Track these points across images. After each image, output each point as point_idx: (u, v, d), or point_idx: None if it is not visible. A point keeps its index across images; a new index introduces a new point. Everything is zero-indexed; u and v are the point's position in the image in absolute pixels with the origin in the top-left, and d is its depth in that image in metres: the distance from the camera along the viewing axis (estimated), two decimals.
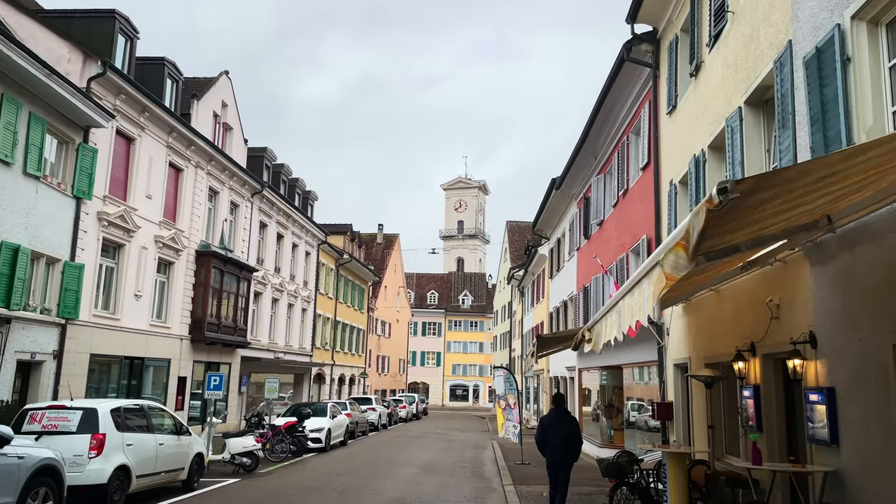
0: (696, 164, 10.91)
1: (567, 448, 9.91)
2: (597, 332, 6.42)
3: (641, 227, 15.04)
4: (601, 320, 6.28)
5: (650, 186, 14.35)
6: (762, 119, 8.88)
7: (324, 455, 20.58)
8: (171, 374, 22.93)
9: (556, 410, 10.45)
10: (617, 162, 17.83)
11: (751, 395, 8.28)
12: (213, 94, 26.81)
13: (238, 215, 28.53)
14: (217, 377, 15.40)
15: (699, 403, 10.71)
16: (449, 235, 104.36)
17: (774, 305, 7.57)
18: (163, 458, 11.55)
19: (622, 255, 16.64)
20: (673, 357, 12.30)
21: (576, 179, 23.28)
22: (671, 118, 12.97)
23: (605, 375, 19.94)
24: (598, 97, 17.54)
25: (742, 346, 8.43)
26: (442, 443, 27.17)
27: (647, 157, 14.66)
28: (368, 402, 34.60)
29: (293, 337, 35.59)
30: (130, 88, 19.82)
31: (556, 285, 29.79)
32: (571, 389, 25.03)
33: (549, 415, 10.50)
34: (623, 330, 5.49)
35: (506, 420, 19.75)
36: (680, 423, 12.12)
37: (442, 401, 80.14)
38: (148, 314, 21.59)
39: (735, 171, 9.06)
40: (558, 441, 9.91)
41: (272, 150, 32.82)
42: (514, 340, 54.07)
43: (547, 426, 10.19)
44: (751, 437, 7.16)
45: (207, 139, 24.85)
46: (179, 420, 12.78)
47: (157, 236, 21.91)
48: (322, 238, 39.85)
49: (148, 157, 21.38)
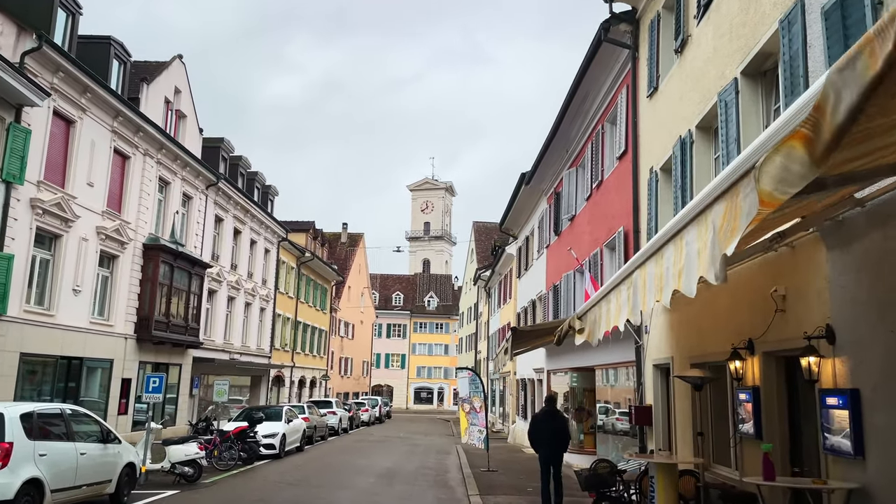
0: (681, 147, 10.02)
1: (558, 442, 10.98)
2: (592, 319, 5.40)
3: (617, 220, 14.15)
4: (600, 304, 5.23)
5: (627, 176, 13.47)
6: (760, 91, 8.00)
7: (277, 462, 19.28)
8: (113, 375, 21.36)
9: (548, 409, 11.56)
10: (590, 153, 16.96)
11: (749, 398, 7.36)
12: (165, 79, 25.29)
13: (191, 208, 27.01)
14: (157, 378, 14.07)
15: (683, 407, 9.80)
16: (415, 237, 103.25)
17: (779, 296, 6.66)
18: (85, 470, 10.22)
19: (596, 250, 15.76)
20: (652, 357, 11.40)
21: (546, 174, 22.40)
22: (652, 101, 12.10)
23: (575, 377, 19.04)
24: (571, 85, 16.66)
25: (738, 344, 7.51)
26: (404, 447, 26.03)
27: (624, 145, 13.78)
28: (328, 406, 33.26)
29: (250, 337, 34.07)
30: (70, 66, 18.30)
31: (525, 285, 28.89)
32: (539, 392, 24.10)
33: (542, 412, 11.58)
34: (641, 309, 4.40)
35: (470, 424, 18.70)
36: (660, 428, 11.21)
37: (406, 404, 78.86)
38: (88, 311, 20.03)
39: (730, 149, 8.16)
40: (550, 436, 10.94)
41: (229, 142, 31.33)
42: (479, 342, 53.14)
43: (539, 422, 11.25)
44: (763, 448, 6.23)
45: (157, 125, 23.35)
46: (107, 426, 11.44)
47: (100, 227, 20.37)
48: (283, 235, 38.37)
49: (90, 141, 19.85)
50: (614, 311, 4.85)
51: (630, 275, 4.58)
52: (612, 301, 4.91)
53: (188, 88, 27.12)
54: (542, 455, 11.11)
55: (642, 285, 4.23)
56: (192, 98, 27.51)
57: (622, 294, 4.77)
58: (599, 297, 5.29)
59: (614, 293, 5.05)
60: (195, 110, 27.73)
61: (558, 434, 11.02)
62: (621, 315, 4.80)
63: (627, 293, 4.59)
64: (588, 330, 5.60)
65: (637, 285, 4.34)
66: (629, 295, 4.53)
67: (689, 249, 3.54)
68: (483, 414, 17.96)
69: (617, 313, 4.91)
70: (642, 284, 4.23)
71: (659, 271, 3.92)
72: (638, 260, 4.50)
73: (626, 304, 4.66)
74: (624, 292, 4.72)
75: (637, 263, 4.47)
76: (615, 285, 4.95)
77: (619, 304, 4.79)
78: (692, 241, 3.50)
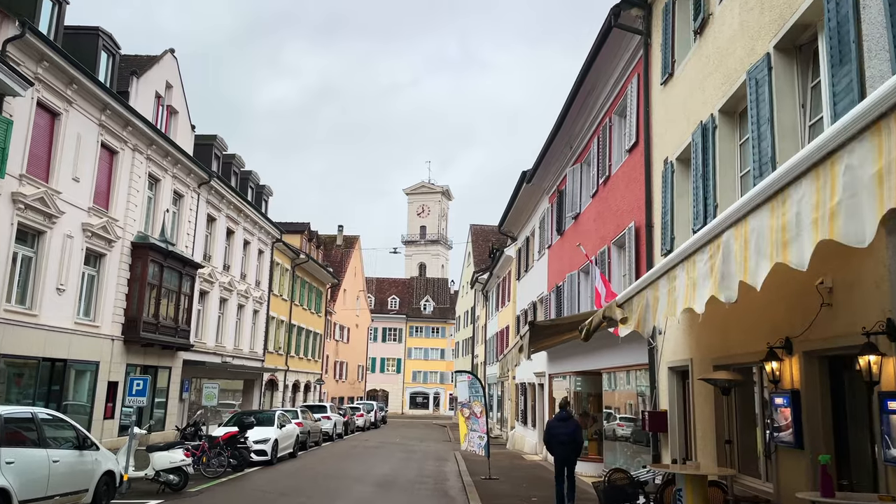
0: (702, 133, 9.34)
1: (572, 445, 11.42)
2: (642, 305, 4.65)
3: (627, 215, 13.47)
4: (656, 284, 4.42)
5: (639, 169, 12.80)
6: (796, 66, 7.33)
7: (269, 469, 18.50)
8: (99, 378, 20.57)
9: (562, 413, 11.96)
10: (597, 148, 16.29)
11: (786, 402, 6.66)
12: (156, 73, 24.55)
13: (182, 206, 26.25)
14: (140, 381, 13.29)
15: (705, 413, 9.09)
16: (411, 240, 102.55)
17: (825, 289, 5.97)
18: (58, 479, 9.45)
19: (603, 247, 15.07)
20: (668, 359, 10.70)
21: (548, 172, 21.73)
22: (666, 89, 11.44)
23: (579, 381, 18.33)
24: (577, 77, 16.00)
25: (774, 343, 6.82)
26: (401, 454, 25.26)
27: (634, 136, 13.11)
28: (323, 410, 32.44)
29: (243, 340, 33.26)
30: (55, 56, 17.57)
31: (524, 287, 28.20)
32: (541, 397, 23.39)
33: (556, 417, 12.03)
34: (742, 278, 3.48)
35: (470, 430, 17.95)
36: (676, 435, 10.50)
37: (402, 409, 77.98)
38: (73, 311, 19.25)
39: (761, 130, 7.48)
40: (565, 439, 11.39)
41: (222, 139, 30.59)
42: (476, 346, 52.37)
43: (554, 427, 11.72)
44: (821, 460, 5.53)
45: (147, 120, 22.61)
46: (84, 432, 10.66)
47: (86, 224, 19.61)
48: (277, 236, 37.60)
49: (76, 134, 19.10)
50: (683, 289, 3.99)
51: (717, 237, 3.74)
52: (680, 277, 4.08)
53: (180, 84, 26.38)
54: (557, 458, 11.63)
55: (742, 246, 3.43)
56: (185, 94, 26.79)
57: (699, 266, 3.92)
58: (655, 276, 4.51)
59: (683, 268, 4.19)
60: (187, 106, 27.00)
61: (573, 438, 11.53)
62: (699, 293, 3.91)
63: (710, 264, 3.77)
64: (637, 318, 4.83)
65: (731, 248, 3.56)
66: (714, 265, 3.71)
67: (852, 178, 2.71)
68: (483, 419, 17.23)
69: (689, 292, 4.00)
70: (742, 245, 3.43)
71: (779, 223, 3.11)
72: (732, 217, 3.67)
73: (706, 279, 3.82)
74: (702, 264, 3.88)
75: (732, 220, 3.64)
76: (686, 256, 4.10)
77: (691, 281, 3.94)
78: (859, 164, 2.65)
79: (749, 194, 3.46)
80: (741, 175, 8.72)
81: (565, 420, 11.82)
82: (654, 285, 4.44)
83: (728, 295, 3.64)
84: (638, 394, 13.71)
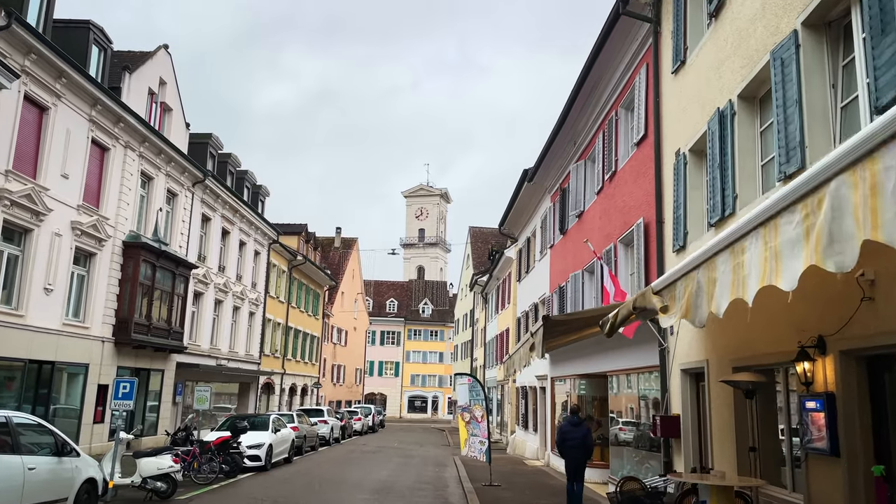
0: (720, 121, 8.81)
1: (582, 449, 11.82)
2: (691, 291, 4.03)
3: (635, 211, 12.94)
4: (713, 262, 3.74)
5: (648, 162, 12.28)
6: (825, 43, 6.80)
7: (263, 475, 17.91)
8: (89, 381, 20.00)
9: (574, 418, 12.32)
10: (602, 143, 15.77)
11: (819, 406, 6.12)
12: (150, 69, 24.02)
13: (176, 206, 25.69)
14: (127, 384, 12.71)
15: (723, 418, 8.54)
16: (409, 243, 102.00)
17: (867, 282, 5.43)
18: (34, 487, 8.87)
19: (609, 245, 14.53)
20: (681, 361, 10.15)
21: (550, 170, 21.20)
22: (678, 78, 10.92)
23: (583, 385, 17.78)
24: (581, 71, 15.50)
25: (806, 342, 6.28)
26: (399, 459, 24.66)
27: (643, 129, 12.58)
28: (319, 414, 31.77)
29: (239, 342, 32.68)
30: (43, 48, 17.03)
31: (525, 289, 27.65)
32: (543, 400, 22.83)
33: (568, 422, 12.38)
34: (866, 236, 2.71)
35: (470, 435, 17.36)
36: (690, 441, 9.95)
37: (400, 412, 77.31)
38: (61, 311, 18.68)
39: (788, 114, 6.95)
40: (576, 443, 11.80)
41: (218, 138, 30.04)
42: (476, 350, 51.78)
43: (566, 431, 12.09)
44: (874, 471, 5.01)
45: (140, 117, 22.07)
46: (63, 437, 10.08)
47: (75, 222, 19.05)
48: (273, 237, 37.04)
49: (65, 130, 18.55)
50: (758, 263, 3.25)
51: (817, 189, 3.00)
52: (753, 249, 3.34)
53: (174, 81, 25.84)
54: (569, 460, 12.05)
55: (868, 193, 2.63)
56: (179, 91, 26.24)
57: (785, 231, 3.15)
58: (708, 254, 3.86)
59: (756, 237, 3.38)
60: (181, 104, 26.45)
61: (584, 442, 11.87)
62: (785, 265, 3.08)
63: (804, 225, 3.01)
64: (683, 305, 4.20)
65: (844, 199, 2.78)
66: (812, 226, 2.94)
67: None
68: (485, 424, 16.65)
69: (768, 265, 3.17)
70: (868, 192, 2.63)
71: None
72: (844, 160, 2.97)
73: (796, 246, 3.03)
74: (790, 227, 3.11)
75: (845, 163, 2.94)
76: (761, 223, 3.38)
77: (772, 251, 3.16)
78: None
79: (874, 124, 2.80)
80: (762, 164, 8.19)
81: (577, 425, 12.15)
82: (708, 265, 3.82)
83: (840, 262, 2.87)
84: (640, 397, 13.18)
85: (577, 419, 12.30)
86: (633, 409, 13.63)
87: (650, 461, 12.56)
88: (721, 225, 8.69)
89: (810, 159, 6.59)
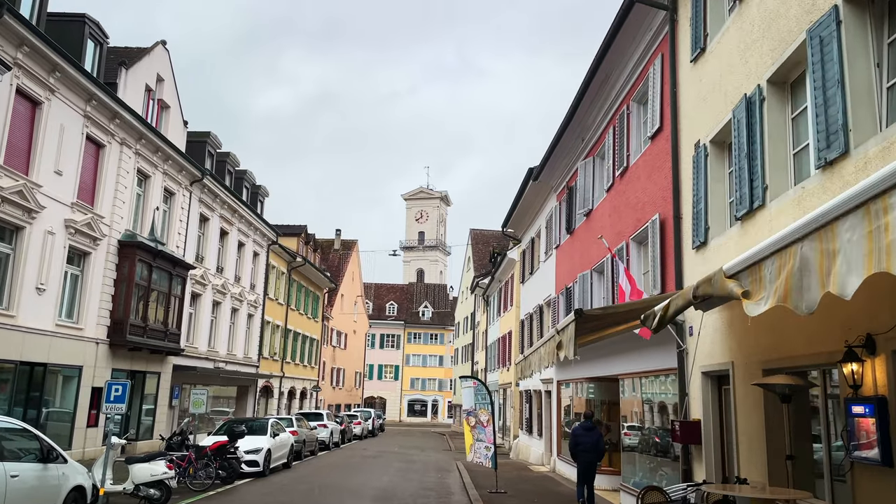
0: (746, 108, 8.31)
1: (595, 452, 12.41)
2: (789, 268, 3.39)
3: (649, 208, 12.43)
4: (824, 233, 3.00)
5: (664, 156, 11.78)
6: (868, 19, 6.30)
7: (261, 481, 17.36)
8: (82, 384, 19.45)
9: (586, 423, 12.80)
10: (613, 139, 15.27)
11: (868, 412, 5.61)
12: (147, 65, 23.52)
13: (173, 205, 25.17)
14: (119, 386, 12.16)
15: (752, 424, 8.02)
16: (409, 246, 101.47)
17: None
18: (17, 495, 8.33)
19: (620, 244, 14.02)
20: (701, 363, 9.63)
21: (557, 168, 20.69)
22: (697, 66, 10.42)
23: (591, 388, 17.24)
24: (591, 65, 15.01)
25: (853, 341, 5.77)
26: (401, 464, 24.10)
27: (658, 121, 12.08)
28: (319, 418, 31.21)
29: (237, 345, 32.13)
30: (36, 40, 16.54)
31: (529, 290, 27.13)
32: (548, 404, 22.29)
33: (581, 426, 12.80)
34: None
35: (475, 440, 16.82)
36: (711, 448, 9.43)
37: (399, 416, 76.70)
38: (54, 312, 18.15)
39: (828, 95, 6.45)
40: (589, 447, 12.32)
41: (216, 137, 29.52)
42: (476, 353, 51.22)
43: (579, 435, 12.58)
44: None
45: (136, 113, 21.57)
46: (49, 443, 9.55)
47: (69, 220, 18.53)
48: (273, 238, 36.51)
49: (58, 125, 18.05)
50: None
51: None
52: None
53: (172, 78, 25.35)
54: (581, 463, 12.52)
55: None
56: (177, 88, 25.75)
57: None
58: (821, 221, 3.20)
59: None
60: (179, 101, 25.95)
61: (595, 445, 12.39)
62: None
63: None
64: (781, 288, 3.53)
65: None
66: None
67: None
68: (490, 428, 16.12)
69: None
70: None
71: None
72: None
73: None
74: None
75: None
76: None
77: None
78: None
79: None
80: (794, 152, 7.69)
81: (590, 430, 12.54)
82: (821, 234, 3.17)
83: None
84: (654, 401, 12.66)
85: (590, 424, 12.75)
86: (647, 414, 13.11)
87: (664, 468, 12.04)
88: (749, 218, 8.19)
89: (854, 143, 6.09)
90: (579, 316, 7.97)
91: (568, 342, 7.28)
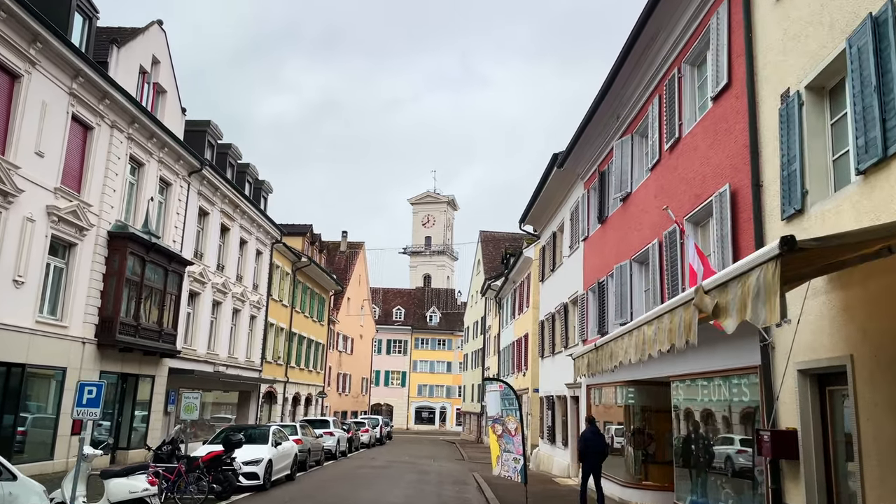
0: (873, 31, 6.53)
1: (602, 454, 13.71)
2: None
3: (713, 180, 10.64)
4: None
5: (734, 117, 10.00)
6: None
7: (260, 496, 15.56)
8: (66, 387, 17.70)
9: (594, 427, 14.10)
10: (659, 109, 13.49)
11: None
12: (141, 45, 21.90)
13: (170, 196, 23.49)
14: (93, 388, 10.39)
15: (885, 436, 6.21)
16: (416, 251, 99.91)
17: None
18: None
19: (671, 227, 12.21)
20: (799, 359, 7.82)
21: (586, 152, 18.90)
22: (782, 2, 8.64)
23: (630, 393, 15.39)
24: (634, 26, 13.25)
25: None
26: (413, 475, 22.28)
27: (726, 77, 10.31)
28: (325, 426, 29.38)
29: (238, 348, 30.37)
30: (13, 5, 14.91)
31: (550, 289, 25.31)
32: (574, 412, 20.43)
33: (589, 430, 14.01)
34: None
35: (502, 451, 14.98)
36: (812, 465, 7.61)
37: (406, 424, 74.82)
38: (33, 307, 16.46)
39: None
40: (597, 450, 13.60)
41: (217, 126, 27.84)
42: (488, 358, 49.36)
43: (588, 439, 13.76)
44: None
45: (129, 94, 19.91)
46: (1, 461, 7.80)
47: (51, 207, 16.86)
48: (277, 237, 34.81)
49: (40, 102, 16.40)
50: None
51: None
52: None
53: (169, 60, 23.71)
54: (588, 464, 13.70)
55: None
56: (174, 72, 24.12)
57: None
58: None
59: None
60: (177, 86, 24.32)
61: (601, 449, 13.75)
62: None
63: None
64: None
65: None
66: None
67: None
68: (519, 437, 14.27)
69: None
70: None
71: None
72: None
73: None
74: None
75: None
76: None
77: None
78: None
79: None
80: None
81: (597, 433, 13.98)
82: None
83: None
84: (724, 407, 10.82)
85: (595, 428, 14.11)
86: (711, 423, 11.25)
87: (728, 487, 10.22)
88: (879, 170, 6.40)
89: None
90: (790, 247, 4.31)
91: (755, 299, 4.18)
